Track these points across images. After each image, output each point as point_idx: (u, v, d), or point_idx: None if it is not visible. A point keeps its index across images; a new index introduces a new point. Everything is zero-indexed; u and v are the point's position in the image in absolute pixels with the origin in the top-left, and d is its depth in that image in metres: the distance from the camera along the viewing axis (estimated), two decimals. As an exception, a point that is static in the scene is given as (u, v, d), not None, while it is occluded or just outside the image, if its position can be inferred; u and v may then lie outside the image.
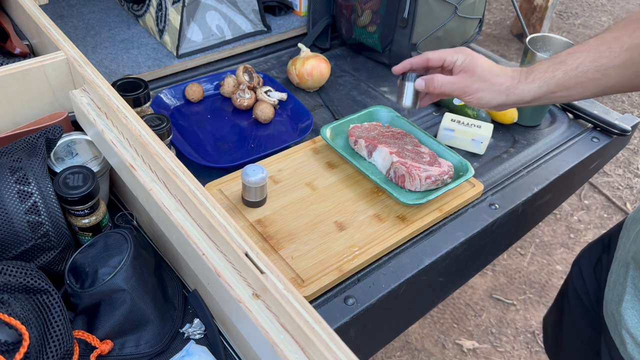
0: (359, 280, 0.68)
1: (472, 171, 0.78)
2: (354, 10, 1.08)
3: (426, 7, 1.01)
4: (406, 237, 0.73)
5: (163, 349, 0.56)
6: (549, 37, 0.93)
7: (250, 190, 0.72)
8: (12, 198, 0.55)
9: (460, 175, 0.79)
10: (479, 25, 1.13)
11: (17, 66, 0.65)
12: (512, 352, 1.55)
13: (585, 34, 3.15)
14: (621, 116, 1.00)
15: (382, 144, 0.80)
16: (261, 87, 0.97)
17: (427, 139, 0.84)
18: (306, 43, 1.14)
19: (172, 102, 0.95)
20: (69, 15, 1.17)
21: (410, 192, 0.77)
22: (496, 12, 3.31)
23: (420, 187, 0.76)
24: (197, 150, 0.86)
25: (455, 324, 1.62)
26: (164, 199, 0.53)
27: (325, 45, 1.16)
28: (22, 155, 0.58)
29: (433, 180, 0.76)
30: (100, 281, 0.54)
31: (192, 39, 1.06)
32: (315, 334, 0.40)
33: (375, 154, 0.81)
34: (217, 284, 0.47)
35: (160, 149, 0.54)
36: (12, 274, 0.50)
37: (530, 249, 1.86)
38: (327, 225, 0.73)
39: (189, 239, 0.49)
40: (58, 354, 0.49)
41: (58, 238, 0.58)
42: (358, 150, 0.84)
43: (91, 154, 0.67)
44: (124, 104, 0.59)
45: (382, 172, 0.81)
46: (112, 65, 1.03)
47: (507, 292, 1.72)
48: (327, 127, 0.85)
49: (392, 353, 1.53)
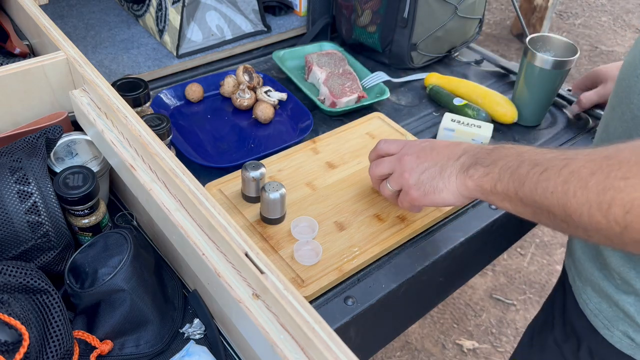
0: (359, 280, 0.68)
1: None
2: (354, 10, 1.08)
3: (426, 7, 1.01)
4: (406, 237, 0.73)
5: (163, 349, 0.56)
6: (549, 37, 0.93)
7: (251, 185, 0.72)
8: (12, 198, 0.55)
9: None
10: (479, 25, 1.13)
11: (17, 66, 0.65)
12: (512, 352, 1.55)
13: (585, 34, 3.15)
14: (621, 116, 1.00)
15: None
16: (261, 87, 0.97)
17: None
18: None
19: (172, 102, 0.95)
20: (69, 15, 1.17)
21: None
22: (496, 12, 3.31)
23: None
24: (197, 150, 0.86)
25: (455, 324, 1.62)
26: (164, 199, 0.53)
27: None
28: (22, 155, 0.58)
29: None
30: (100, 281, 0.54)
31: (192, 39, 1.06)
32: (315, 334, 0.40)
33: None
34: (217, 284, 0.47)
35: (160, 149, 0.54)
36: (12, 274, 0.50)
37: (530, 249, 1.86)
38: (327, 225, 0.73)
39: (189, 239, 0.49)
40: (58, 354, 0.49)
41: (58, 238, 0.58)
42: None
43: (91, 154, 0.67)
44: (124, 104, 0.59)
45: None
46: (112, 65, 1.03)
47: (507, 292, 1.72)
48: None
49: (392, 353, 1.53)
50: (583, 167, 0.45)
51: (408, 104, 1.02)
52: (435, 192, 0.62)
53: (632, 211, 0.41)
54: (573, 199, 0.45)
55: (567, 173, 0.46)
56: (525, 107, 0.95)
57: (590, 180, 0.44)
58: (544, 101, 0.94)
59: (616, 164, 0.43)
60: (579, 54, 0.89)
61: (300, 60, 1.07)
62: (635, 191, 0.41)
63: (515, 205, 0.53)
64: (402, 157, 0.66)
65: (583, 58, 2.93)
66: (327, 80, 0.97)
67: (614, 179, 0.42)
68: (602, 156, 0.45)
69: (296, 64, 1.07)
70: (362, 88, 0.99)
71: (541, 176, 0.49)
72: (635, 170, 0.41)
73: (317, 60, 1.02)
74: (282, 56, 1.07)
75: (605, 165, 0.43)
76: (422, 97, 1.04)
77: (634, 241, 0.42)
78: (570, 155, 0.47)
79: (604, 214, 0.43)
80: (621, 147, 0.44)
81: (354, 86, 0.97)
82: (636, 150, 0.43)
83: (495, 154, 0.56)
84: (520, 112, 0.95)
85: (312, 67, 1.01)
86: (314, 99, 0.96)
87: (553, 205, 0.47)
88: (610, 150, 0.45)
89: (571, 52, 0.90)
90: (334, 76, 0.99)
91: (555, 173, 0.47)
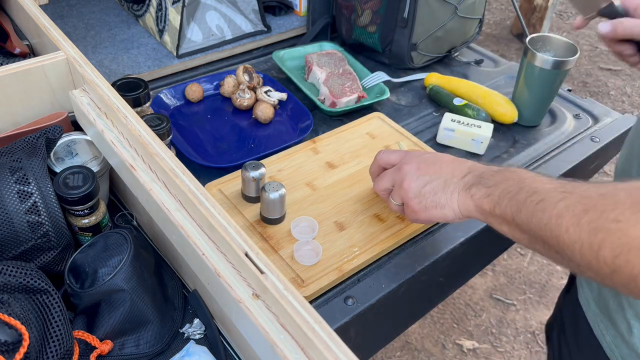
0: (359, 280, 0.68)
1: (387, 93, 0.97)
2: (354, 10, 1.08)
3: (426, 7, 1.01)
4: (406, 237, 0.73)
5: (163, 349, 0.56)
6: (549, 37, 0.93)
7: (251, 185, 0.72)
8: (12, 198, 0.55)
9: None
10: (479, 25, 1.13)
11: (17, 66, 0.65)
12: (512, 352, 1.55)
13: (585, 34, 3.15)
14: (621, 116, 1.00)
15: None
16: (261, 87, 0.97)
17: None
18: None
19: (172, 102, 0.95)
20: (69, 15, 1.17)
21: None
22: (496, 12, 3.31)
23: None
24: (197, 150, 0.86)
25: (455, 324, 1.62)
26: (164, 199, 0.53)
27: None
28: (22, 155, 0.58)
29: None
30: (100, 281, 0.54)
31: (192, 39, 1.06)
32: (315, 334, 0.40)
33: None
34: (217, 284, 0.47)
35: (160, 149, 0.54)
36: (12, 274, 0.50)
37: (530, 249, 1.86)
38: (327, 225, 0.73)
39: (189, 239, 0.49)
40: (58, 354, 0.49)
41: (58, 238, 0.58)
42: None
43: (91, 154, 0.67)
44: (124, 104, 0.59)
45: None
46: (112, 65, 1.03)
47: (507, 292, 1.72)
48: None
49: (392, 353, 1.53)
50: (578, 203, 0.45)
51: (408, 104, 1.02)
52: (437, 207, 0.60)
53: (621, 256, 0.40)
54: (565, 234, 0.45)
55: (562, 207, 0.46)
56: (525, 107, 0.95)
57: (583, 218, 0.43)
58: (544, 101, 0.94)
59: (611, 204, 0.42)
60: (579, 54, 0.89)
61: (300, 60, 1.07)
62: (625, 236, 0.40)
63: (512, 230, 0.53)
64: (402, 166, 0.64)
65: (583, 58, 2.93)
66: (327, 80, 0.97)
67: (606, 220, 0.42)
68: (598, 194, 0.44)
69: (296, 64, 1.07)
70: (362, 88, 0.99)
71: (537, 206, 0.48)
72: (628, 214, 0.40)
73: (317, 60, 1.02)
74: (282, 56, 1.07)
75: (600, 204, 0.43)
76: (422, 97, 1.04)
77: (622, 284, 0.42)
78: (569, 188, 0.47)
79: (595, 254, 0.42)
80: (619, 186, 0.43)
81: (354, 86, 0.97)
82: (632, 192, 0.42)
83: (499, 176, 0.55)
84: (520, 112, 0.95)
85: (312, 67, 1.01)
86: (314, 99, 0.96)
87: (547, 236, 0.47)
88: (608, 189, 0.44)
89: (571, 52, 0.90)
90: (334, 76, 0.99)
91: (551, 205, 0.47)
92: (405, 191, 0.63)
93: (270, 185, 0.69)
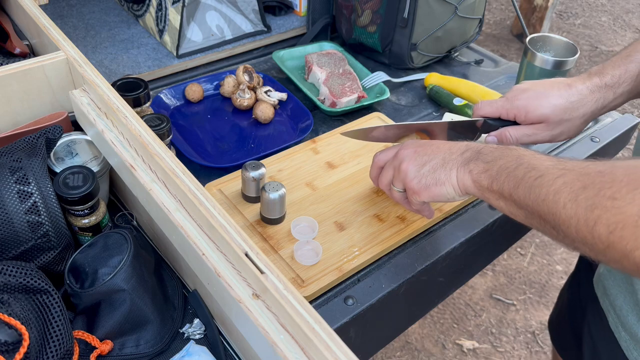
0: (359, 280, 0.68)
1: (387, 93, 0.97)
2: (354, 10, 1.08)
3: (426, 7, 1.01)
4: (406, 237, 0.73)
5: (163, 349, 0.56)
6: (549, 37, 0.93)
7: (251, 185, 0.72)
8: (12, 198, 0.55)
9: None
10: (479, 25, 1.13)
11: (17, 66, 0.65)
12: (512, 352, 1.55)
13: (585, 34, 3.15)
14: (621, 116, 1.00)
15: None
16: (261, 87, 0.97)
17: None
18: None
19: (172, 102, 0.95)
20: (69, 15, 1.17)
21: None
22: (496, 12, 3.31)
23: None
24: (197, 150, 0.86)
25: (455, 324, 1.62)
26: (164, 199, 0.53)
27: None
28: (22, 155, 0.58)
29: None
30: (100, 281, 0.54)
31: (192, 39, 1.06)
32: (315, 334, 0.40)
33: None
34: (217, 284, 0.47)
35: (160, 149, 0.54)
36: (12, 274, 0.50)
37: (530, 249, 1.86)
38: (327, 225, 0.73)
39: (189, 239, 0.49)
40: (58, 354, 0.49)
41: (58, 238, 0.58)
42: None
43: (91, 154, 0.67)
44: (124, 104, 0.59)
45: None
46: (112, 65, 1.03)
47: (507, 292, 1.72)
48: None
49: (392, 353, 1.53)
50: (577, 180, 0.45)
51: (408, 104, 1.02)
52: (437, 184, 0.60)
53: (615, 233, 0.41)
54: (562, 210, 0.45)
55: (560, 183, 0.46)
56: (525, 107, 0.95)
57: (580, 194, 0.44)
58: (544, 101, 0.94)
59: (608, 181, 0.43)
60: (579, 54, 0.89)
61: (300, 60, 1.07)
62: (620, 213, 0.41)
63: (509, 206, 0.53)
64: (399, 152, 0.65)
65: (583, 58, 2.93)
66: (327, 80, 0.97)
67: (603, 198, 0.42)
68: (596, 171, 0.45)
69: (296, 64, 1.07)
70: (362, 88, 0.99)
71: (535, 181, 0.49)
72: (624, 191, 0.41)
73: (317, 60, 1.02)
74: (282, 56, 1.07)
75: (598, 182, 0.43)
76: (422, 97, 1.04)
77: (615, 260, 0.42)
78: (568, 166, 0.47)
79: (590, 230, 0.43)
80: (617, 164, 0.44)
81: (354, 86, 0.97)
82: (629, 171, 0.42)
83: (498, 152, 0.56)
84: (520, 112, 0.95)
85: (312, 67, 1.01)
86: (314, 99, 0.96)
87: (544, 212, 0.48)
88: (606, 166, 0.45)
89: (571, 52, 0.90)
90: (334, 76, 0.99)
91: (549, 181, 0.47)
92: (405, 173, 0.62)
93: (270, 185, 0.69)
